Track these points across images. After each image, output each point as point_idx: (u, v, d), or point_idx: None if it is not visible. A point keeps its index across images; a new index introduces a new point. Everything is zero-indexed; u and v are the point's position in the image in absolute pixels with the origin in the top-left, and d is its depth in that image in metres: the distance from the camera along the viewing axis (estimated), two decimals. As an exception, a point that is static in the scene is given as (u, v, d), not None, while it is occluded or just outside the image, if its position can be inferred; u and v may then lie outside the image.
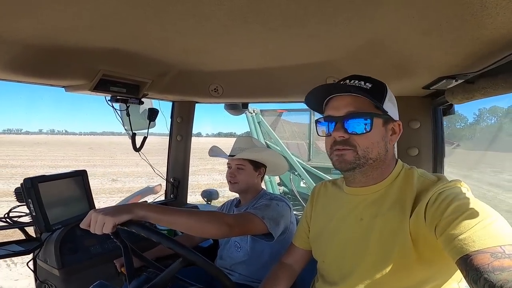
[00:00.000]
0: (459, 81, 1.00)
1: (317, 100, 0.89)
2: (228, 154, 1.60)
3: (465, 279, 0.60)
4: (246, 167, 1.53)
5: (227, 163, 1.58)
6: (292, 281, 1.12)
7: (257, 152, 1.54)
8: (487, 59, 0.83)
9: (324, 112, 0.89)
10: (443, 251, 0.66)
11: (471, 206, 0.67)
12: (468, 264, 0.59)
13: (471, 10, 0.62)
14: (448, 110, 1.36)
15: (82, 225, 0.91)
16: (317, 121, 0.91)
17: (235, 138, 1.68)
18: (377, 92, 0.82)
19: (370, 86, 0.82)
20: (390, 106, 0.83)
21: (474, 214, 0.65)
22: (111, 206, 0.93)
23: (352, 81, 0.84)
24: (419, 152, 1.43)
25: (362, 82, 0.83)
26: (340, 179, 1.01)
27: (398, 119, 0.87)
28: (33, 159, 20.44)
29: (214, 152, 1.72)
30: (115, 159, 21.22)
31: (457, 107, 1.36)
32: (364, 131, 0.80)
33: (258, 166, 1.57)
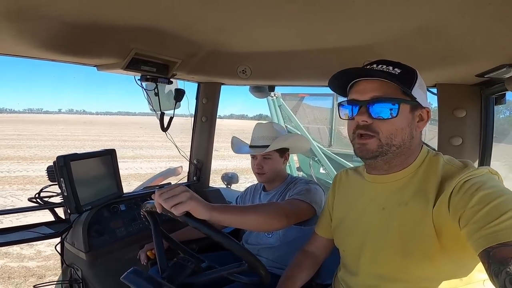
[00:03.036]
0: (523, 69, 0.91)
1: (340, 83, 0.86)
2: (250, 144, 1.56)
3: (487, 273, 0.58)
4: (273, 156, 1.49)
5: (252, 154, 1.54)
6: (316, 269, 1.12)
7: (285, 140, 1.50)
8: None
9: (348, 96, 0.86)
10: (466, 243, 0.64)
11: (498, 195, 0.63)
12: (491, 257, 0.57)
13: None
14: (501, 99, 1.26)
15: (160, 193, 0.82)
16: (340, 104, 0.88)
17: (251, 122, 1.63)
18: (406, 77, 0.79)
19: (399, 71, 0.79)
20: (420, 93, 0.80)
21: (500, 204, 0.61)
22: (195, 193, 0.86)
23: (380, 65, 0.81)
24: (463, 142, 1.35)
25: (391, 67, 0.80)
26: (362, 166, 0.98)
27: (426, 106, 0.83)
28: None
29: (237, 146, 1.67)
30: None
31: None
32: (390, 117, 0.77)
33: (283, 152, 1.53)
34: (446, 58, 1.05)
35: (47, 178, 1.43)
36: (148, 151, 15.15)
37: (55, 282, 1.72)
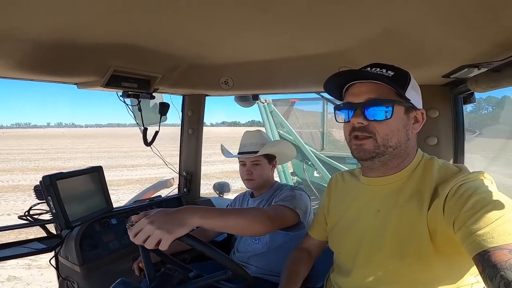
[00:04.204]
0: (482, 70, 0.95)
1: (336, 87, 0.88)
2: (239, 151, 1.59)
3: (481, 276, 0.58)
4: (262, 162, 1.52)
5: (241, 161, 1.57)
6: (310, 266, 1.14)
7: (274, 146, 1.54)
8: None
9: (343, 99, 0.88)
10: (460, 246, 0.65)
11: (492, 200, 0.64)
12: (485, 261, 0.57)
13: None
14: (469, 98, 1.30)
15: (133, 237, 0.81)
16: (336, 108, 0.89)
17: (242, 129, 1.67)
18: (400, 79, 0.81)
19: (392, 74, 0.81)
20: (414, 95, 0.82)
21: (495, 208, 0.62)
22: (160, 214, 0.83)
23: (374, 68, 0.83)
24: (438, 141, 1.39)
25: (384, 70, 0.82)
26: (358, 169, 1.00)
27: (421, 108, 0.85)
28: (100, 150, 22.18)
29: (227, 152, 1.71)
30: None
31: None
32: (385, 118, 0.78)
33: (272, 159, 1.56)
34: (413, 60, 1.08)
35: (35, 197, 1.45)
36: (152, 160, 15.39)
37: None
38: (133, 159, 16.05)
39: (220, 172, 11.58)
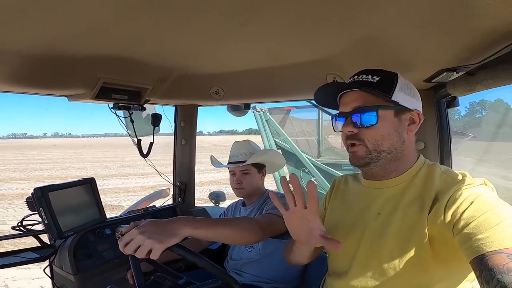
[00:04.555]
0: (460, 73, 0.98)
1: (329, 98, 0.91)
2: (228, 161, 1.61)
3: (478, 280, 0.58)
4: (251, 171, 1.54)
5: (230, 170, 1.59)
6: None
7: (262, 155, 1.56)
8: (486, 51, 0.81)
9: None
10: (459, 251, 0.65)
11: (492, 206, 0.65)
12: (482, 264, 0.57)
13: (462, 2, 0.60)
14: (452, 102, 1.33)
15: (123, 247, 0.82)
16: (332, 118, 0.92)
17: (240, 138, 1.69)
18: (385, 84, 0.81)
19: (377, 79, 0.81)
20: (402, 96, 0.81)
21: (495, 214, 0.63)
22: (151, 224, 0.84)
23: (361, 76, 0.84)
24: (426, 146, 1.40)
25: (370, 76, 0.82)
26: (360, 173, 1.00)
27: (417, 109, 0.84)
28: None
29: (216, 162, 1.73)
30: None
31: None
32: (371, 124, 0.80)
33: (261, 168, 1.58)
34: (395, 65, 1.08)
35: (27, 208, 1.46)
36: (159, 169, 16.35)
37: None
38: (141, 168, 15.99)
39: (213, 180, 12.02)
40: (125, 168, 16.77)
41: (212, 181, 11.54)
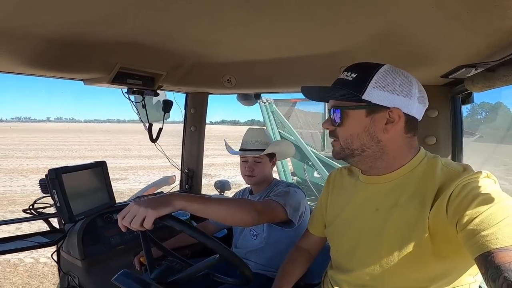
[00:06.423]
0: (479, 70, 0.97)
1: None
2: (241, 147, 1.62)
3: (483, 277, 0.57)
4: (263, 160, 1.55)
5: (242, 157, 1.59)
6: (308, 265, 1.15)
7: (278, 145, 1.58)
8: (509, 48, 0.80)
9: None
10: (462, 247, 0.64)
11: (497, 201, 0.63)
12: (488, 262, 0.56)
13: (494, 1, 0.60)
14: (467, 98, 1.32)
15: (122, 219, 0.86)
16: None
17: (242, 128, 1.69)
18: (358, 82, 0.79)
19: (354, 76, 0.80)
20: (378, 93, 0.77)
21: (499, 209, 0.61)
22: (147, 198, 0.89)
23: (344, 73, 0.84)
24: (437, 141, 1.40)
25: (349, 74, 0.81)
26: None
27: (397, 106, 0.78)
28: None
29: (231, 148, 1.74)
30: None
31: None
32: (338, 123, 0.83)
33: (272, 156, 1.59)
34: (412, 60, 1.09)
35: (40, 191, 1.48)
36: (176, 152, 17.36)
37: None
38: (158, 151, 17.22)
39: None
40: (147, 151, 17.03)
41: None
